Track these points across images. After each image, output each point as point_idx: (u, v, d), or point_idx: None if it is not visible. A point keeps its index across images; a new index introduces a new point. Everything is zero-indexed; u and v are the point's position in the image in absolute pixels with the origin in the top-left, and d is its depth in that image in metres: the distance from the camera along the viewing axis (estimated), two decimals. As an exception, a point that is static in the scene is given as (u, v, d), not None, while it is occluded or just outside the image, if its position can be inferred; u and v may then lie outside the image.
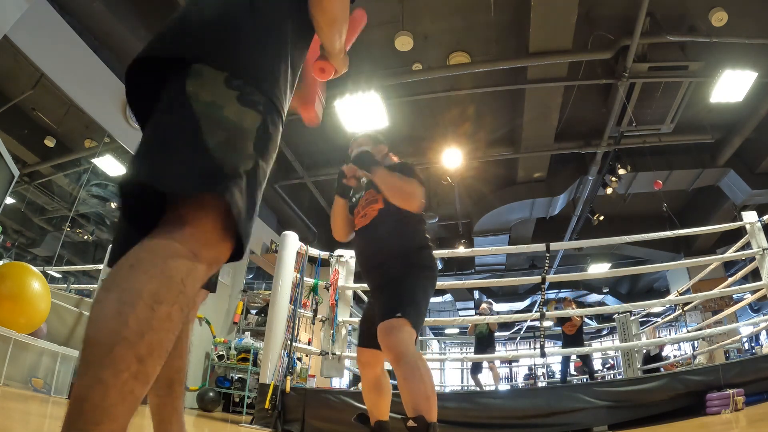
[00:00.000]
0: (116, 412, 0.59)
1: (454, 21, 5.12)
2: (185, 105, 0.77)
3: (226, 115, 0.78)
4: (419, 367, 1.54)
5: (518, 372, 14.06)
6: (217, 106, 0.78)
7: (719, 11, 4.81)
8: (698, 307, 8.44)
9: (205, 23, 0.87)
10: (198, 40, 0.84)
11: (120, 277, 0.65)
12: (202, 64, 0.81)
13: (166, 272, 0.66)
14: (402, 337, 1.60)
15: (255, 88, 0.84)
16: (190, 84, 0.78)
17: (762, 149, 6.70)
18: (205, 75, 0.80)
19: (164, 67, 0.84)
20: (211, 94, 0.78)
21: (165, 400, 1.07)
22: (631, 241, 4.14)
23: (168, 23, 0.91)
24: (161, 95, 0.82)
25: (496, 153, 6.91)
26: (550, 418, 3.00)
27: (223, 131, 0.77)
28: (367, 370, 1.89)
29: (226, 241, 0.77)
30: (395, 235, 1.89)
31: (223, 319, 6.10)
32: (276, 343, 3.60)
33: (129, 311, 0.61)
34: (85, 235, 6.25)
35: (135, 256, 0.67)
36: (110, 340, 0.60)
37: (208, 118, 0.77)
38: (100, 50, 4.41)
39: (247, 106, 0.81)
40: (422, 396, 1.48)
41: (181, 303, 0.67)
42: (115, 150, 5.13)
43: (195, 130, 0.75)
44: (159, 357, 0.64)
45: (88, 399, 0.58)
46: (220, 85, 0.80)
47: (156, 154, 0.74)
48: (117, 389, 0.59)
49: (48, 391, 2.96)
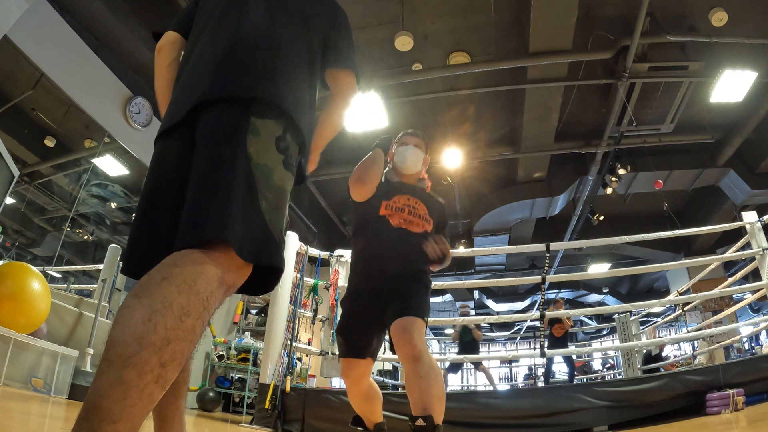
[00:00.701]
0: (133, 412, 0.62)
1: (454, 21, 5.12)
2: (247, 165, 0.84)
3: (275, 180, 0.88)
4: (436, 369, 1.54)
5: (518, 372, 14.05)
6: (270, 170, 0.87)
7: (719, 11, 4.81)
8: (698, 307, 8.44)
9: (262, 65, 0.95)
10: (255, 84, 0.92)
11: (152, 287, 0.70)
12: (260, 117, 0.88)
13: (195, 289, 0.72)
14: (423, 337, 1.62)
15: (297, 145, 0.95)
16: (251, 142, 0.86)
17: (762, 149, 6.70)
18: (263, 133, 0.88)
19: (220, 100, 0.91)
20: (266, 158, 0.87)
21: (168, 399, 1.07)
22: (631, 241, 4.14)
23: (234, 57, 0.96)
24: (202, 125, 0.88)
25: (496, 153, 6.91)
26: (550, 418, 3.00)
27: (272, 195, 0.87)
28: (362, 382, 1.84)
29: (246, 270, 0.84)
30: (422, 253, 1.85)
31: (223, 319, 6.10)
32: (276, 343, 3.60)
33: (159, 319, 0.66)
34: (85, 235, 6.26)
35: (168, 271, 0.72)
36: (138, 343, 0.64)
37: (264, 181, 0.85)
38: (100, 50, 4.41)
39: (288, 170, 0.92)
40: (436, 397, 1.47)
41: (204, 318, 0.73)
42: (115, 150, 5.13)
43: (254, 192, 0.83)
44: (179, 365, 0.68)
45: (108, 397, 0.60)
46: (273, 148, 0.89)
47: (221, 211, 0.80)
48: (138, 390, 0.62)
49: (48, 391, 2.96)
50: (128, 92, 4.70)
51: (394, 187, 1.97)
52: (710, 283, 6.07)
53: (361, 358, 1.81)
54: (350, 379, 1.83)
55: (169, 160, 0.92)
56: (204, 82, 0.92)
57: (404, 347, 1.58)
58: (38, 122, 5.16)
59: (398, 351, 1.60)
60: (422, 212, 1.92)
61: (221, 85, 0.91)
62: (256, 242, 0.81)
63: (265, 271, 0.88)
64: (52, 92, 4.30)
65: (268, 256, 0.83)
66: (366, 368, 1.84)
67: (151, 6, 4.48)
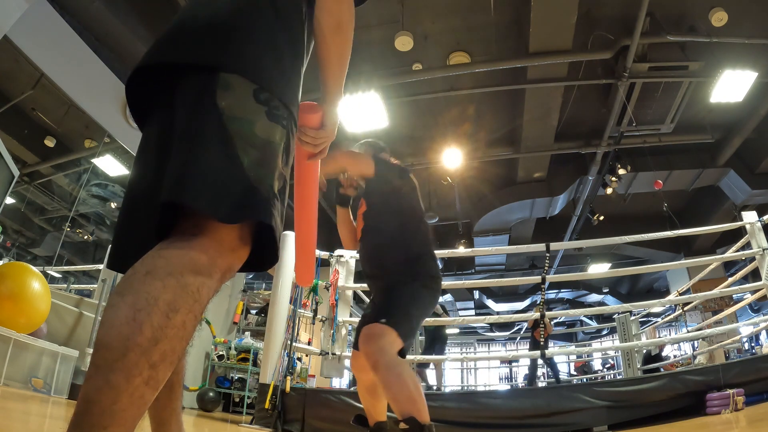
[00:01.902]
0: (125, 416, 0.59)
1: (454, 21, 5.12)
2: (218, 120, 0.75)
3: (257, 132, 0.77)
4: (399, 372, 1.49)
5: (518, 372, 14.05)
6: (249, 121, 0.77)
7: (719, 11, 4.81)
8: (698, 307, 8.44)
9: (231, 28, 0.84)
10: (225, 47, 0.82)
11: (135, 283, 0.65)
12: (231, 73, 0.79)
13: (182, 281, 0.66)
14: (380, 344, 1.55)
15: (279, 101, 0.83)
16: (221, 97, 0.76)
17: (762, 149, 6.70)
18: (235, 87, 0.78)
19: (178, 70, 0.81)
20: (243, 110, 0.77)
21: (164, 402, 1.06)
22: (631, 241, 4.14)
23: (185, 25, 0.87)
24: (177, 100, 0.80)
25: (496, 153, 6.91)
26: (550, 418, 3.00)
27: (255, 150, 0.76)
28: (363, 374, 1.85)
29: (243, 248, 0.76)
30: (387, 241, 1.85)
31: (223, 319, 6.10)
32: (276, 343, 3.59)
33: (144, 318, 0.61)
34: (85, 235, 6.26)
35: (151, 263, 0.67)
36: (124, 345, 0.60)
37: (242, 135, 0.76)
38: (100, 50, 4.41)
39: (275, 121, 0.81)
40: (406, 399, 1.44)
41: (196, 312, 0.67)
42: (115, 150, 5.13)
43: (231, 148, 0.74)
44: (171, 364, 0.64)
45: (97, 402, 0.58)
46: (250, 99, 0.78)
47: (194, 173, 0.72)
48: (128, 394, 0.59)
49: (48, 391, 2.96)
50: (128, 92, 4.70)
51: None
52: (710, 283, 6.07)
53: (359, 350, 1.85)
54: (354, 368, 1.89)
55: (150, 145, 0.87)
56: (169, 49, 0.84)
57: (363, 359, 1.61)
58: (38, 122, 5.16)
59: None
60: (362, 203, 2.00)
61: (189, 51, 0.82)
62: (235, 200, 0.72)
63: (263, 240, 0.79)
64: (52, 92, 4.30)
65: (252, 212, 0.73)
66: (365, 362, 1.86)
67: (151, 6, 4.48)
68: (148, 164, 0.84)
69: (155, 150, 0.83)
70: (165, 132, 0.80)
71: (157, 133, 0.85)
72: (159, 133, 0.84)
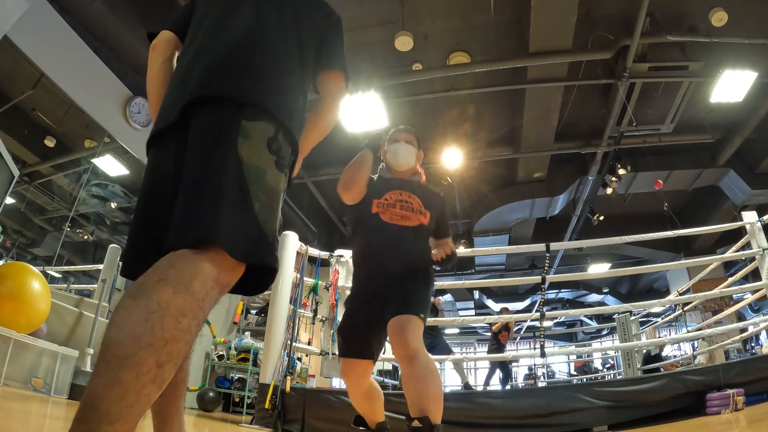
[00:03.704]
0: (131, 412, 0.62)
1: (454, 21, 5.12)
2: (238, 167, 0.85)
3: (267, 180, 0.89)
4: (433, 369, 1.50)
5: (518, 372, 14.05)
6: (262, 171, 0.88)
7: (719, 11, 4.81)
8: (698, 307, 8.44)
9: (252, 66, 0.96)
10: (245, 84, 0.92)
11: (148, 288, 0.71)
12: (250, 120, 0.89)
13: (191, 290, 0.72)
14: (419, 335, 1.57)
15: (288, 144, 0.95)
16: (242, 146, 0.86)
17: (762, 149, 6.70)
18: (254, 136, 0.89)
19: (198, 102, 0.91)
20: (258, 160, 0.88)
21: (168, 399, 1.08)
22: (631, 241, 4.14)
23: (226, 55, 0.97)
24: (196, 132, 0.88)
25: (496, 153, 6.91)
26: (550, 418, 3.00)
27: (265, 196, 0.87)
28: (361, 382, 1.82)
29: (239, 269, 0.85)
30: (420, 249, 1.87)
31: (223, 319, 6.10)
32: (276, 343, 3.59)
33: (156, 320, 0.66)
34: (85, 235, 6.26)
35: (164, 272, 0.73)
36: (136, 344, 0.64)
37: (256, 183, 0.86)
38: (100, 50, 4.41)
39: (281, 171, 0.92)
40: (432, 397, 1.44)
41: (199, 318, 0.74)
42: (115, 150, 5.13)
43: (246, 194, 0.84)
44: (176, 365, 0.69)
45: (105, 398, 0.61)
46: (265, 150, 0.89)
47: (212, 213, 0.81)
48: (135, 391, 0.62)
49: (48, 391, 2.96)
50: (128, 92, 4.70)
51: (387, 183, 1.97)
52: (710, 283, 6.07)
53: (361, 358, 1.79)
54: (350, 379, 1.82)
55: (164, 163, 0.93)
56: (194, 82, 0.93)
57: (399, 347, 1.56)
58: (38, 122, 5.15)
59: (394, 351, 1.59)
60: (416, 205, 1.90)
61: (210, 84, 0.91)
62: (248, 242, 0.82)
63: (259, 271, 0.89)
64: (52, 92, 4.30)
65: (261, 256, 0.84)
66: (366, 369, 1.82)
67: (151, 6, 4.48)
68: (165, 182, 0.91)
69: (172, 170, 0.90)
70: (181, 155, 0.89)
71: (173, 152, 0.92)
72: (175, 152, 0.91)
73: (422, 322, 1.62)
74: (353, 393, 1.85)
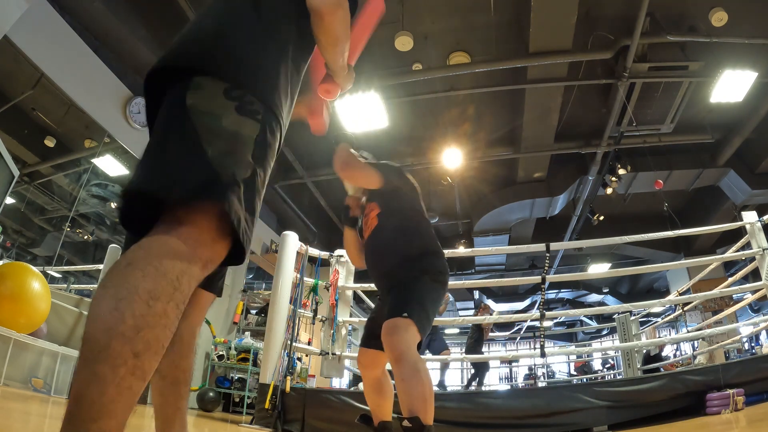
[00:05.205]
0: (114, 408, 0.60)
1: (454, 21, 5.12)
2: (185, 116, 0.80)
3: (224, 125, 0.82)
4: (419, 369, 1.52)
5: (518, 372, 14.06)
6: (216, 116, 0.81)
7: (719, 11, 4.81)
8: (698, 307, 8.44)
9: (208, 34, 0.91)
10: (200, 52, 0.88)
11: (116, 274, 0.67)
12: (203, 75, 0.84)
13: (161, 270, 0.68)
14: (405, 336, 1.59)
15: (254, 97, 0.87)
16: (190, 96, 0.82)
17: (762, 149, 6.70)
18: (205, 87, 0.83)
19: (168, 77, 0.87)
20: (210, 105, 0.82)
21: (169, 399, 1.07)
22: (631, 241, 4.14)
23: (179, 35, 0.95)
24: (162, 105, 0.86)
25: (496, 153, 6.91)
26: (550, 418, 3.00)
27: (221, 141, 0.80)
28: (368, 372, 1.88)
29: (221, 241, 0.79)
30: (398, 239, 1.89)
31: (223, 319, 6.10)
32: (276, 343, 3.59)
33: (125, 307, 0.62)
34: (85, 235, 6.26)
35: (132, 255, 0.69)
36: (106, 335, 0.61)
37: (207, 128, 0.80)
38: (100, 50, 4.40)
39: (246, 116, 0.84)
40: (419, 397, 1.46)
41: (177, 300, 0.69)
42: (115, 150, 5.13)
43: (195, 140, 0.78)
44: (155, 353, 0.65)
45: (86, 395, 0.59)
46: (219, 96, 0.83)
47: (156, 163, 0.78)
48: (115, 385, 0.59)
49: (48, 391, 2.96)
50: (128, 92, 4.70)
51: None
52: (710, 283, 6.07)
53: (369, 348, 1.87)
54: (360, 365, 1.91)
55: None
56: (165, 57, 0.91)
57: (386, 350, 1.62)
58: (38, 122, 5.16)
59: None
60: (369, 208, 2.02)
61: (168, 57, 0.89)
62: (192, 185, 0.75)
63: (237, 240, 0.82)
64: (52, 92, 4.30)
65: (207, 194, 0.75)
66: (374, 359, 1.86)
67: (151, 6, 4.48)
68: None
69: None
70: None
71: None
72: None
73: (410, 320, 1.62)
74: (365, 382, 1.92)
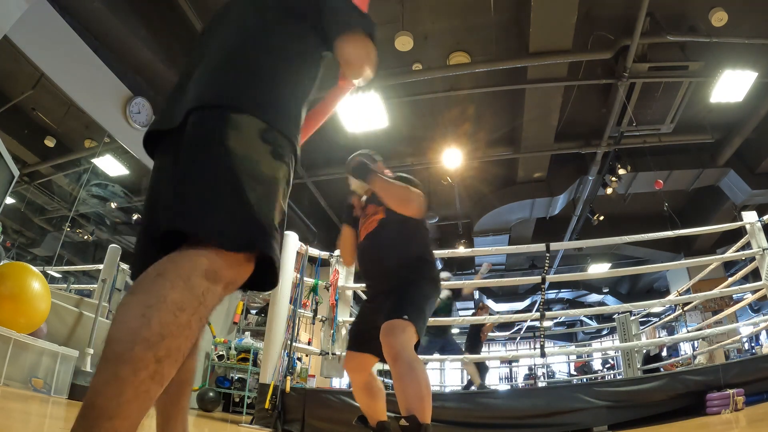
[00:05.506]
0: (130, 409, 0.62)
1: (454, 21, 5.12)
2: (227, 158, 0.83)
3: (263, 170, 0.86)
4: (415, 368, 1.55)
5: (518, 372, 14.06)
6: (255, 161, 0.85)
7: (719, 11, 4.80)
8: (698, 307, 8.44)
9: (241, 70, 0.95)
10: (236, 89, 0.91)
11: (146, 284, 0.70)
12: (239, 113, 0.87)
13: (189, 284, 0.71)
14: (403, 337, 1.62)
15: (283, 137, 0.92)
16: (230, 137, 0.84)
17: (762, 149, 6.70)
18: (243, 128, 0.87)
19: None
20: (249, 150, 0.86)
21: (172, 398, 1.08)
22: (631, 241, 4.14)
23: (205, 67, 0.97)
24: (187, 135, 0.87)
25: (496, 153, 6.91)
26: (550, 418, 3.00)
27: (261, 187, 0.85)
28: (356, 375, 1.90)
29: (244, 266, 0.83)
30: (395, 244, 1.92)
31: (223, 319, 6.10)
32: (276, 343, 3.60)
33: (153, 314, 0.66)
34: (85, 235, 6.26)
35: (162, 267, 0.73)
36: (132, 339, 0.64)
37: (249, 174, 0.83)
38: (100, 50, 4.41)
39: (279, 160, 0.90)
40: (416, 397, 1.49)
41: (201, 314, 0.73)
42: (115, 150, 5.14)
43: (237, 185, 0.82)
44: (176, 361, 0.68)
45: (103, 393, 0.61)
46: (257, 139, 0.87)
47: (197, 203, 0.80)
48: (134, 387, 0.62)
49: (48, 391, 2.96)
50: (128, 92, 4.70)
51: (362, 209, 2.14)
52: (710, 283, 6.07)
53: (358, 351, 1.89)
54: (348, 369, 1.92)
55: (165, 165, 0.94)
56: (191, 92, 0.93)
57: (384, 349, 1.65)
58: (38, 122, 5.16)
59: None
60: (371, 210, 2.04)
61: (203, 94, 0.91)
62: (240, 232, 0.80)
63: (264, 266, 0.87)
64: (52, 92, 4.30)
65: (256, 244, 0.81)
66: (362, 362, 1.88)
67: (151, 6, 4.48)
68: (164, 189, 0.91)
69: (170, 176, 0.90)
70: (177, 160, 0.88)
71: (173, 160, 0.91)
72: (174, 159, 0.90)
73: (409, 322, 1.66)
74: (353, 384, 1.93)
